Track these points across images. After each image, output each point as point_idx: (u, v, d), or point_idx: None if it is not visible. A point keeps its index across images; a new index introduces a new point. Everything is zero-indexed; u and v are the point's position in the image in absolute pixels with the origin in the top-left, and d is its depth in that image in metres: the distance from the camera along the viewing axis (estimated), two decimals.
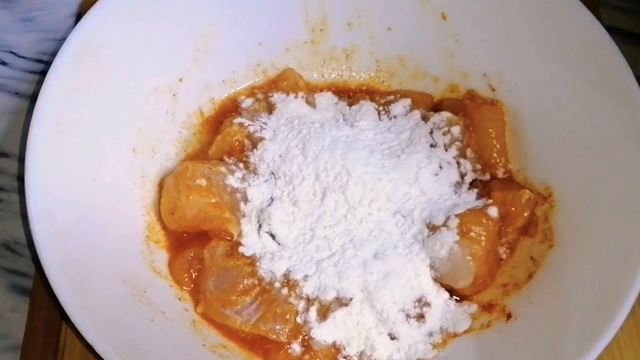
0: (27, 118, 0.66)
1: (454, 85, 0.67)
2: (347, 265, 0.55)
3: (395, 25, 0.66)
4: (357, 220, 0.57)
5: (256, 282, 0.55)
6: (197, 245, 0.58)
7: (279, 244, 0.58)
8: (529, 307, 0.54)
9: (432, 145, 0.62)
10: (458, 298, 0.57)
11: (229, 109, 0.66)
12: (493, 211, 0.56)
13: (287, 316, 0.54)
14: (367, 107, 0.64)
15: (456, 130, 0.62)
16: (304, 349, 0.54)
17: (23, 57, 0.70)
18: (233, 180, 0.59)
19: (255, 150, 0.61)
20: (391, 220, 0.58)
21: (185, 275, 0.57)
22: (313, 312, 0.54)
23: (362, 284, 0.55)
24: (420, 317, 0.55)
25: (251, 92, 0.67)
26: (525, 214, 0.58)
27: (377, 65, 0.68)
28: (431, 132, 0.62)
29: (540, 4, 0.60)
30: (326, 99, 0.66)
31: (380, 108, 0.65)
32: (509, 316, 0.54)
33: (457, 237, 0.55)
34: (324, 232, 0.57)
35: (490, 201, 0.57)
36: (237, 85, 0.67)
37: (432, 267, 0.56)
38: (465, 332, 0.54)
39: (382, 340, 0.53)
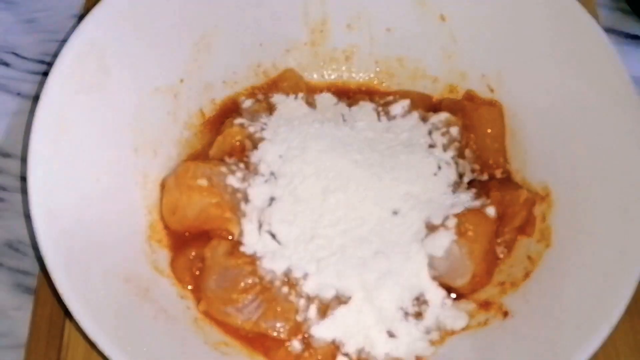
0: (29, 119, 0.66)
1: (452, 86, 0.67)
2: (346, 264, 0.56)
3: (394, 26, 0.66)
4: (357, 220, 0.58)
5: (257, 280, 0.55)
6: (199, 244, 0.58)
7: (280, 243, 0.58)
8: (525, 305, 0.54)
9: (430, 146, 0.62)
10: (456, 296, 0.57)
11: (230, 110, 0.66)
12: (491, 211, 0.57)
13: (288, 314, 0.54)
14: (366, 108, 0.65)
15: (455, 130, 0.62)
16: (304, 346, 0.54)
17: (25, 58, 0.71)
18: (234, 180, 0.59)
19: (255, 150, 0.61)
20: (391, 220, 0.58)
21: (187, 274, 0.57)
22: (313, 310, 0.55)
23: (362, 282, 0.55)
24: (419, 314, 0.55)
25: (252, 92, 0.67)
26: (523, 214, 0.58)
27: (376, 66, 0.69)
28: (430, 133, 0.63)
29: (539, 5, 0.60)
30: (326, 100, 0.66)
31: (380, 109, 0.65)
32: (505, 314, 0.54)
33: (455, 237, 0.55)
34: (324, 232, 0.58)
35: (489, 201, 0.58)
36: (237, 86, 0.67)
37: (430, 266, 0.56)
38: (462, 329, 0.55)
39: (381, 338, 0.54)
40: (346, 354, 0.54)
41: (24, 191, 0.58)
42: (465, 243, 0.55)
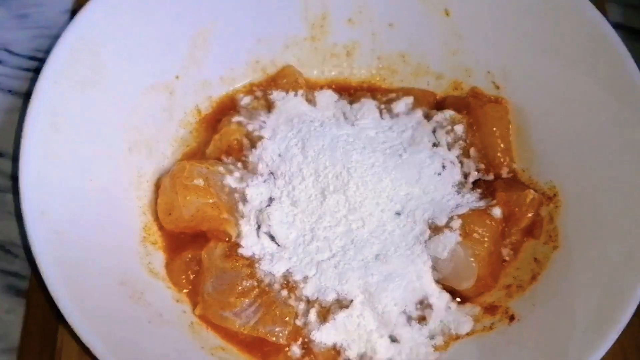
0: (21, 116, 0.64)
1: (457, 82, 0.66)
2: (347, 267, 0.55)
3: (397, 21, 0.65)
4: (358, 221, 0.57)
5: (255, 283, 0.54)
6: (195, 246, 0.57)
7: (279, 245, 0.57)
8: (532, 309, 0.53)
9: (434, 144, 0.61)
10: (460, 300, 0.56)
11: (227, 107, 0.65)
12: (496, 212, 0.56)
13: (287, 318, 0.53)
14: (368, 105, 0.63)
15: (459, 128, 0.61)
16: (303, 351, 0.53)
17: (17, 55, 0.70)
18: (231, 180, 0.58)
19: (254, 149, 0.60)
20: (393, 221, 0.57)
21: (183, 276, 0.56)
22: (313, 314, 0.54)
23: (363, 285, 0.54)
24: (422, 319, 0.54)
25: (250, 89, 0.66)
26: (530, 215, 0.57)
27: (378, 62, 0.67)
28: (434, 131, 0.62)
29: (546, 0, 0.59)
30: (326, 97, 0.65)
31: (382, 106, 0.64)
32: (512, 318, 0.53)
33: (460, 238, 0.54)
34: (324, 233, 0.57)
35: (494, 201, 0.57)
36: (235, 83, 0.66)
37: (434, 268, 0.55)
38: (467, 334, 0.54)
39: (383, 343, 0.53)
40: None
41: (16, 191, 0.57)
42: (470, 245, 0.54)
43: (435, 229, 0.55)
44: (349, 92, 0.67)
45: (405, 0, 0.64)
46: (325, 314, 0.53)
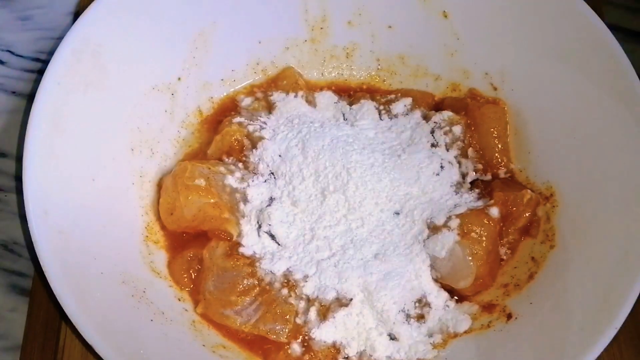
0: (24, 117, 0.65)
1: (455, 84, 0.66)
2: (347, 266, 0.55)
3: (396, 23, 0.66)
4: (358, 221, 0.57)
5: (256, 282, 0.55)
6: (197, 245, 0.58)
7: (279, 244, 0.58)
8: (529, 307, 0.54)
9: (433, 145, 0.61)
10: (458, 298, 0.56)
11: (228, 108, 0.66)
12: (494, 211, 0.56)
13: (287, 316, 0.54)
14: (367, 106, 0.64)
15: (457, 129, 0.62)
16: (304, 349, 0.54)
17: (20, 56, 0.70)
18: (232, 180, 0.59)
19: (254, 149, 0.61)
20: (392, 221, 0.58)
21: (185, 275, 0.57)
22: (313, 313, 0.54)
23: (363, 284, 0.55)
24: (421, 317, 0.55)
25: (250, 91, 0.67)
26: (527, 214, 0.58)
27: (377, 63, 0.68)
28: (432, 132, 0.62)
29: (543, 2, 0.60)
30: (326, 98, 0.66)
31: (381, 107, 0.65)
32: (509, 316, 0.54)
33: (458, 238, 0.55)
34: (324, 232, 0.57)
35: (492, 201, 0.57)
36: (236, 84, 0.67)
37: (432, 267, 0.56)
38: (465, 332, 0.54)
39: (382, 341, 0.54)
40: (347, 357, 0.54)
41: (19, 191, 0.58)
42: (468, 244, 0.54)
43: (434, 229, 0.56)
44: (349, 94, 0.67)
45: (404, 2, 0.64)
46: (325, 312, 0.54)
